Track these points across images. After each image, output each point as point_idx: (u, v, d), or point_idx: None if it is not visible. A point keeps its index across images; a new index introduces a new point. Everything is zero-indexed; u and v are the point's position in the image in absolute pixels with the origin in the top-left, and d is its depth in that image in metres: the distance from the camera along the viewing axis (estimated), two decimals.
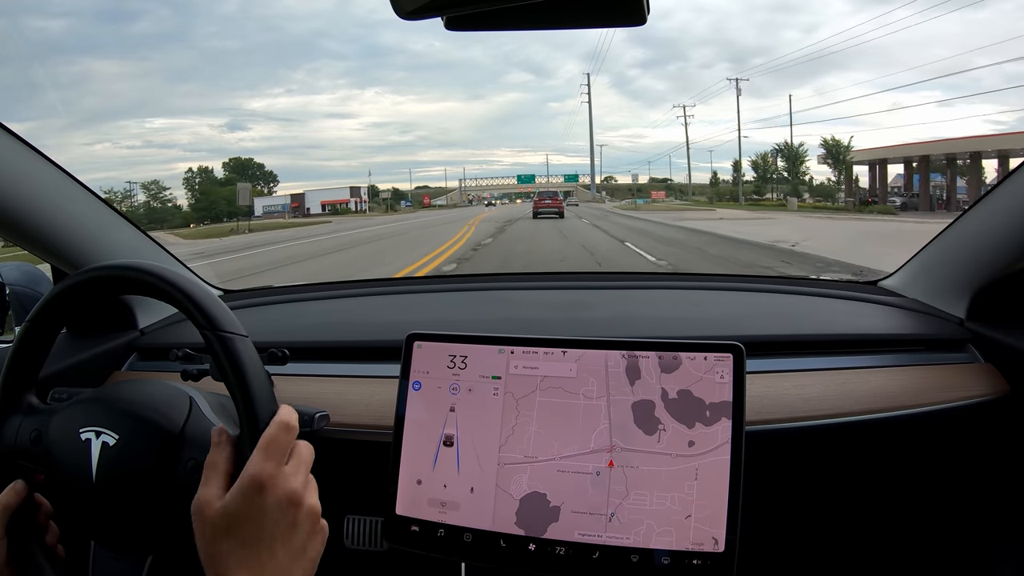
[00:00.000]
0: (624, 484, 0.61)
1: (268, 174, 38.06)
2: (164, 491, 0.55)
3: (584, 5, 0.49)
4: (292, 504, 0.51)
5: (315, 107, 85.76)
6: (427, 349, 0.68)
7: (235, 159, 38.70)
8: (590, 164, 45.90)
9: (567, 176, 46.73)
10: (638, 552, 0.59)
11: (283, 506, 0.50)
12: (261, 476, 0.50)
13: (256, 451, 0.51)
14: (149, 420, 0.57)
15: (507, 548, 0.62)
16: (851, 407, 0.76)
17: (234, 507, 0.49)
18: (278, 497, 0.50)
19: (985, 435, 0.81)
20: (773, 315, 1.01)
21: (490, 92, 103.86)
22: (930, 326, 0.92)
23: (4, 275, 0.99)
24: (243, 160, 38.50)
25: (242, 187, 28.78)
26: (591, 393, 0.63)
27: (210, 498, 0.50)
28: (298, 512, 0.51)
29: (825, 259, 7.47)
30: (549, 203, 21.06)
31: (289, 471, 0.52)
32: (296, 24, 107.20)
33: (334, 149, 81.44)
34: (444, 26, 0.48)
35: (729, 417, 0.60)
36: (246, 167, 37.71)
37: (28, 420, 0.59)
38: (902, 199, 22.47)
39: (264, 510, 0.50)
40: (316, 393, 0.84)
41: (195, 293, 0.55)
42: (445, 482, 0.64)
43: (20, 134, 0.77)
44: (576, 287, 1.20)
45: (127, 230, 0.99)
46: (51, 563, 0.58)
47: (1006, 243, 0.81)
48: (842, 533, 0.87)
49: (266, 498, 0.50)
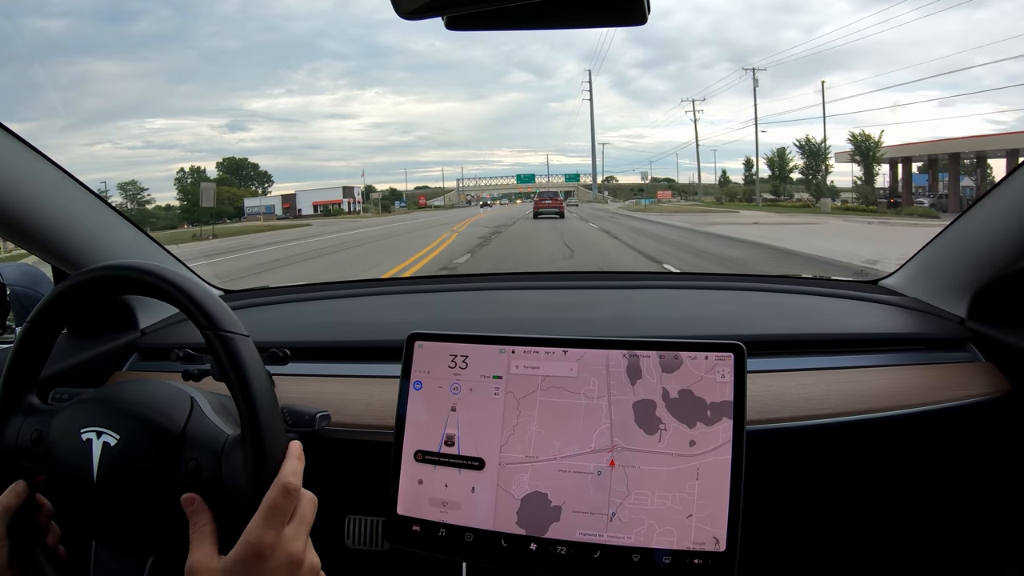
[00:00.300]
0: (625, 484, 0.61)
1: (263, 174, 37.76)
2: (165, 491, 0.55)
3: (584, 5, 0.49)
4: (293, 566, 0.51)
5: (315, 107, 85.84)
6: (428, 349, 0.68)
7: (229, 159, 38.34)
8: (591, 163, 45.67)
9: (567, 176, 46.56)
10: (639, 552, 0.59)
11: (283, 570, 0.50)
12: (262, 545, 0.50)
13: (257, 517, 0.51)
14: (150, 420, 0.57)
15: (508, 548, 0.62)
16: (852, 406, 0.76)
17: (235, 573, 0.49)
18: (280, 562, 0.50)
19: (986, 434, 0.81)
20: (774, 314, 1.01)
21: (490, 92, 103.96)
22: (931, 325, 0.92)
23: (5, 276, 0.99)
24: (237, 160, 38.10)
25: (205, 187, 26.76)
26: (592, 393, 0.63)
27: (205, 561, 0.50)
28: (298, 572, 0.51)
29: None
30: (549, 203, 21.14)
31: (290, 535, 0.51)
32: (296, 24, 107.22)
33: (334, 150, 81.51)
34: (444, 26, 0.49)
35: (730, 417, 0.60)
36: (240, 167, 37.30)
37: (29, 420, 0.59)
38: (930, 200, 20.84)
39: (265, 575, 0.50)
40: (317, 393, 0.84)
41: (196, 293, 0.55)
42: (446, 482, 0.64)
43: (21, 134, 0.78)
44: (576, 287, 1.20)
45: (127, 230, 0.99)
46: (52, 563, 0.58)
47: (1006, 242, 0.81)
48: (843, 532, 0.87)
49: (267, 564, 0.50)
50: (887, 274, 1.09)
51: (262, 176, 37.72)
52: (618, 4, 0.48)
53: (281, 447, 0.54)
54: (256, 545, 0.49)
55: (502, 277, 1.32)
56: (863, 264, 7.15)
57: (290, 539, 0.51)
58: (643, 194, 40.59)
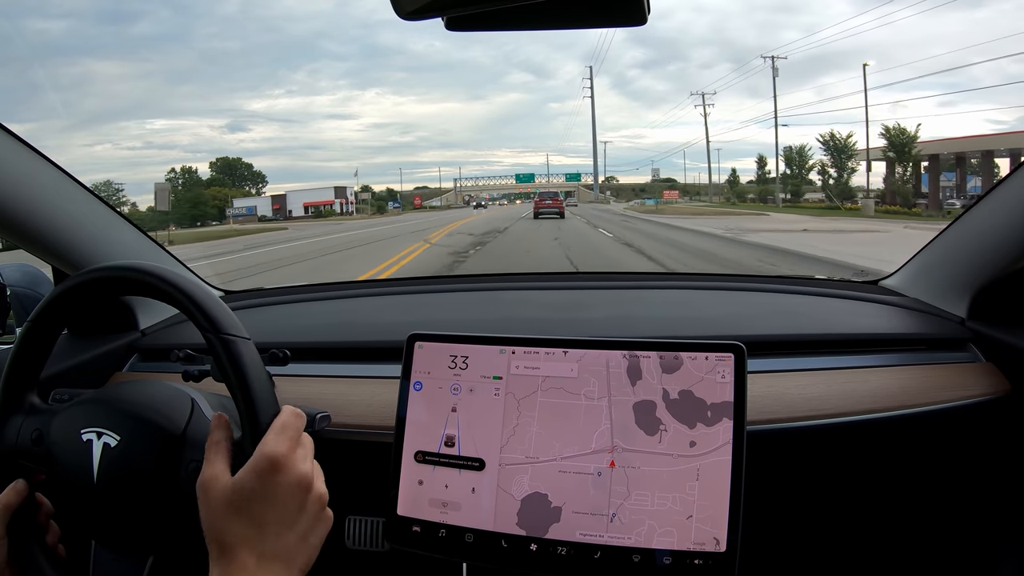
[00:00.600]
0: (625, 484, 0.61)
1: (257, 174, 36.99)
2: (165, 492, 0.55)
3: (584, 5, 0.49)
4: (302, 487, 0.51)
5: (315, 108, 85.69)
6: (428, 349, 0.68)
7: (222, 159, 37.56)
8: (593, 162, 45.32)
9: (568, 175, 46.41)
10: (639, 552, 0.59)
11: (294, 488, 0.51)
12: (276, 455, 0.50)
13: (270, 432, 0.51)
14: (150, 421, 0.57)
15: (509, 548, 0.62)
16: (852, 407, 0.76)
17: (247, 485, 0.50)
18: (290, 479, 0.51)
19: (986, 434, 0.81)
20: (774, 314, 1.01)
21: (490, 93, 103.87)
22: (931, 325, 0.92)
23: (5, 276, 1.00)
24: (231, 160, 37.35)
25: (160, 187, 25.40)
26: (592, 393, 0.63)
27: (217, 475, 0.51)
28: (307, 496, 0.52)
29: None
30: (550, 203, 21.21)
31: (300, 455, 0.52)
32: (296, 25, 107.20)
33: (335, 150, 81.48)
34: (444, 26, 0.48)
35: (730, 417, 0.60)
36: (234, 167, 36.55)
37: (29, 420, 0.59)
38: (961, 201, 18.57)
39: (276, 490, 0.50)
40: (317, 394, 0.84)
41: (196, 294, 0.55)
42: (446, 482, 0.64)
43: (21, 135, 0.78)
44: (577, 287, 1.20)
45: (128, 231, 0.99)
46: (52, 563, 0.58)
47: (1007, 242, 0.81)
48: (843, 532, 0.87)
49: (279, 478, 0.50)
50: (887, 274, 1.09)
51: (256, 176, 37.10)
52: (618, 4, 0.48)
53: None
54: (271, 454, 0.50)
55: (502, 278, 1.32)
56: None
57: (300, 459, 0.52)
58: (645, 194, 40.15)
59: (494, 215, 26.24)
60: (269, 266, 9.87)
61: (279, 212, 32.93)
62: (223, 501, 0.49)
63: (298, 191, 35.47)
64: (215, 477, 0.50)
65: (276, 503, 0.50)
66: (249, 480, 0.50)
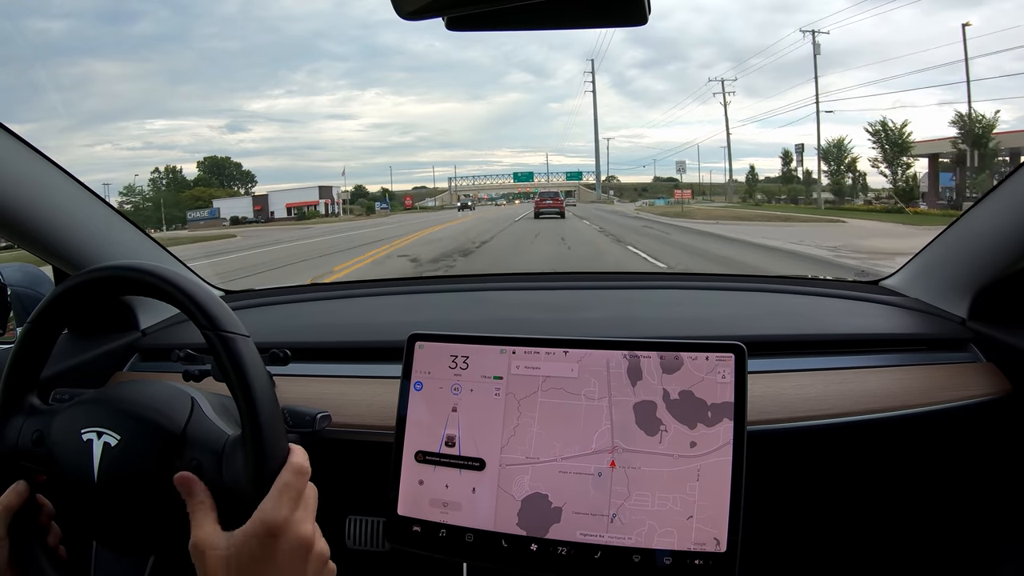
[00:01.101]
0: (626, 485, 0.61)
1: (245, 174, 35.33)
2: (166, 492, 0.55)
3: (584, 5, 0.49)
4: (303, 549, 0.51)
5: (315, 108, 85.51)
6: (428, 349, 0.68)
7: (210, 158, 35.98)
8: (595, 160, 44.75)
9: (569, 174, 46.18)
10: (640, 552, 0.59)
11: (294, 551, 0.50)
12: (276, 522, 0.50)
13: (270, 496, 0.51)
14: (151, 421, 0.57)
15: (509, 548, 0.62)
16: (853, 407, 0.76)
17: (245, 552, 0.49)
18: (291, 543, 0.50)
19: (987, 435, 0.81)
20: (774, 315, 1.01)
21: (490, 93, 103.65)
22: (932, 326, 0.92)
23: (5, 276, 1.00)
24: (219, 159, 35.84)
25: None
26: (593, 394, 0.63)
27: (210, 539, 0.50)
28: (308, 556, 0.51)
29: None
30: (550, 203, 21.21)
31: (300, 517, 0.52)
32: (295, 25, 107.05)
33: (334, 150, 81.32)
34: (445, 26, 0.48)
35: (731, 418, 0.60)
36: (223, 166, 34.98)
37: (30, 421, 0.59)
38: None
39: (276, 556, 0.49)
40: (318, 393, 0.84)
41: (197, 294, 0.55)
42: (447, 482, 0.64)
43: (21, 135, 0.78)
44: (577, 287, 1.20)
45: (128, 231, 0.99)
46: (53, 564, 0.58)
47: (1007, 242, 0.81)
48: (844, 533, 0.87)
49: (279, 544, 0.50)
50: (888, 274, 1.09)
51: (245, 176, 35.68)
52: (618, 4, 0.48)
53: (282, 448, 0.54)
54: (270, 522, 0.49)
55: (502, 278, 1.32)
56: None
57: (300, 521, 0.51)
58: (648, 194, 39.58)
59: (481, 217, 23.40)
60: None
61: (260, 213, 30.83)
62: (220, 566, 0.49)
63: (280, 191, 33.68)
64: (208, 542, 0.50)
65: (276, 567, 0.49)
66: (248, 546, 0.49)
